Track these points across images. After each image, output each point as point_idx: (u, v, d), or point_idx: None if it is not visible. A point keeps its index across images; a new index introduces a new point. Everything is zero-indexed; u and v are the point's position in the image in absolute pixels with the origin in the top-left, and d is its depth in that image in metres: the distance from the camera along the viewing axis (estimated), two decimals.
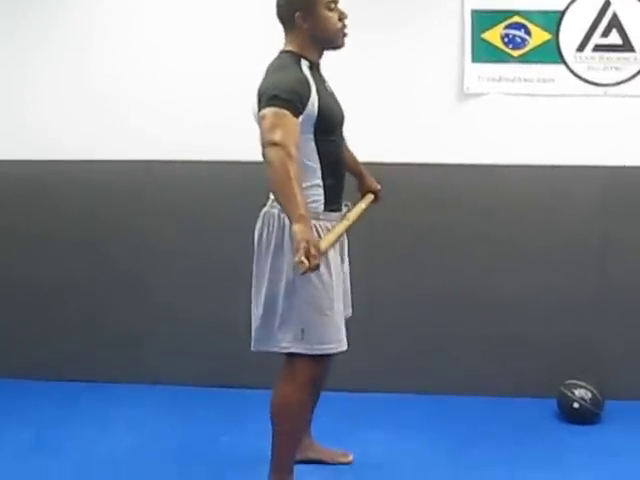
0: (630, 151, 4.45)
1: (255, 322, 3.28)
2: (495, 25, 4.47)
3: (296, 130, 2.97)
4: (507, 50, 4.48)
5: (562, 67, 4.47)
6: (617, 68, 4.45)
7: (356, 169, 3.67)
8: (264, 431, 3.31)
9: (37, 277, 4.79)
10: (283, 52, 3.25)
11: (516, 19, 4.45)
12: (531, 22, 4.45)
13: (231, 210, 4.51)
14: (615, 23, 4.42)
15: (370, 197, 3.59)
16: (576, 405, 4.21)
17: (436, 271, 4.58)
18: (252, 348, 3.30)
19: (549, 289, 4.50)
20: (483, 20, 4.47)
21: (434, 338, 4.59)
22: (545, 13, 4.45)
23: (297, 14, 3.17)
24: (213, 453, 3.89)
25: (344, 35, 3.27)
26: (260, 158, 3.27)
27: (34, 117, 4.75)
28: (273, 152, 2.88)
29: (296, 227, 2.80)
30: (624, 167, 4.44)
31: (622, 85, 4.46)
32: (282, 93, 2.97)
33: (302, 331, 3.09)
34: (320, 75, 3.29)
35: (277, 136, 2.89)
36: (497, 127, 4.52)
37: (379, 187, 3.69)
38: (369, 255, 4.41)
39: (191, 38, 4.64)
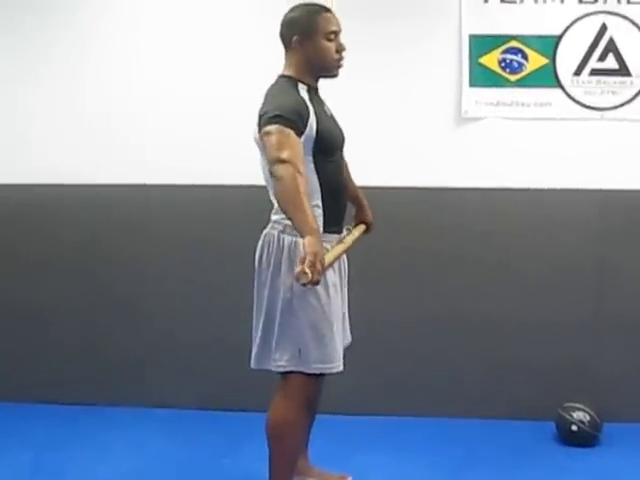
0: (627, 175, 4.47)
1: (255, 340, 3.31)
2: (492, 50, 4.50)
3: (301, 149, 3.02)
4: (504, 74, 4.51)
5: (559, 91, 4.49)
6: (614, 92, 4.48)
7: (355, 196, 3.69)
8: (264, 454, 3.32)
9: (37, 301, 4.79)
10: (281, 77, 3.30)
11: (513, 44, 4.48)
12: (528, 47, 4.47)
13: (232, 234, 4.52)
14: (612, 47, 4.45)
15: (362, 227, 3.60)
16: (574, 428, 4.21)
17: (433, 295, 4.59)
18: (252, 366, 3.33)
19: (546, 312, 4.51)
20: (480, 45, 4.51)
21: (432, 361, 4.60)
22: (542, 38, 4.47)
23: (295, 37, 3.24)
24: (214, 476, 3.91)
25: (339, 66, 3.32)
26: (261, 182, 3.32)
27: (33, 141, 4.77)
28: (283, 168, 2.91)
29: (307, 239, 2.81)
30: (621, 191, 4.45)
31: (619, 109, 4.48)
32: (285, 113, 3.02)
33: (299, 351, 3.11)
34: (319, 98, 3.34)
35: (285, 154, 2.92)
36: (494, 151, 4.54)
37: (372, 220, 3.71)
38: (366, 278, 4.42)
39: (190, 62, 4.66)
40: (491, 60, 4.51)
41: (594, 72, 4.47)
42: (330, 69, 3.30)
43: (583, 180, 4.46)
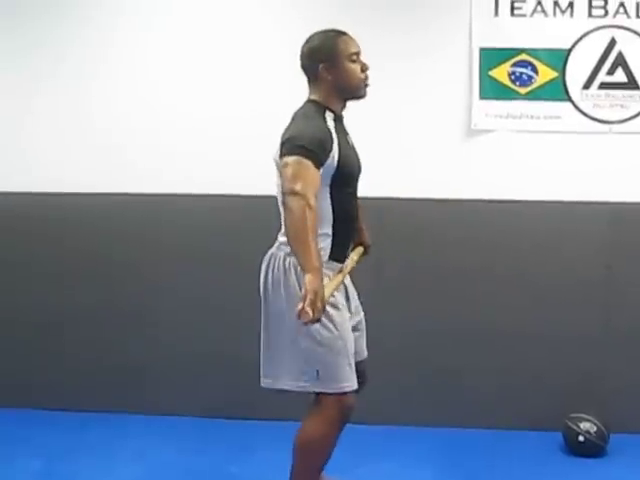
0: (635, 188, 4.50)
1: (265, 360, 3.34)
2: (502, 63, 4.53)
3: (317, 181, 3.04)
4: (514, 87, 4.54)
5: (568, 104, 4.52)
6: (622, 105, 4.51)
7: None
8: (271, 462, 3.35)
9: (42, 308, 4.82)
10: (309, 101, 3.31)
11: (523, 57, 4.52)
12: (538, 60, 4.51)
13: (234, 244, 4.55)
14: (620, 61, 4.48)
15: (360, 250, 3.57)
16: (581, 438, 4.23)
17: (441, 306, 4.60)
18: (263, 385, 3.35)
19: (554, 324, 4.53)
20: (491, 58, 4.54)
21: (439, 372, 4.61)
22: (552, 51, 4.51)
23: (321, 66, 3.25)
24: None
25: (366, 86, 3.34)
26: (266, 192, 3.35)
27: (35, 150, 4.81)
28: (294, 201, 2.94)
29: (308, 277, 2.86)
30: (629, 203, 4.48)
31: (627, 122, 4.51)
32: (307, 143, 3.03)
33: (317, 372, 3.13)
34: (343, 127, 3.35)
35: (299, 186, 2.95)
36: (504, 163, 4.57)
37: (370, 243, 3.67)
38: (375, 289, 4.45)
39: (196, 74, 4.70)
40: (501, 73, 4.54)
41: (603, 86, 4.51)
42: (358, 90, 3.33)
43: (592, 193, 4.48)
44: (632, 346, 4.54)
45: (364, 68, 3.32)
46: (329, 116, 3.26)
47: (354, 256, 3.46)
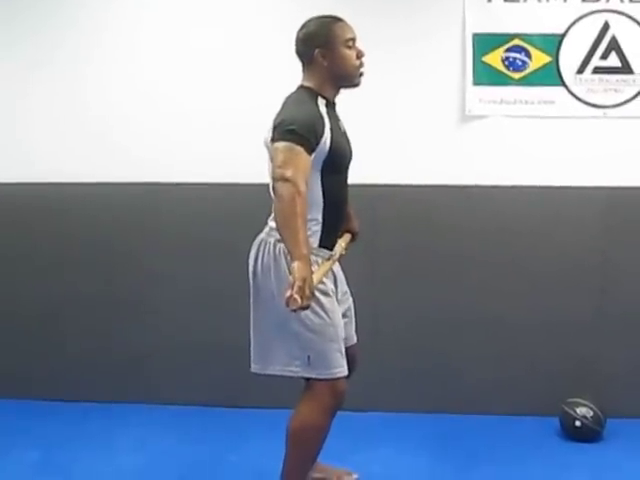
0: (630, 172, 4.49)
1: (255, 345, 3.35)
2: (496, 48, 4.52)
3: (308, 167, 3.03)
4: (508, 73, 4.53)
5: (562, 89, 4.52)
6: (616, 90, 4.50)
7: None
8: (269, 450, 3.34)
9: (42, 299, 4.83)
10: (301, 87, 3.31)
11: (516, 42, 4.51)
12: (531, 45, 4.50)
13: (233, 233, 4.51)
14: (614, 46, 4.47)
15: (348, 237, 3.57)
16: (578, 423, 4.24)
17: (436, 292, 4.61)
18: (253, 370, 3.37)
19: (550, 309, 4.54)
20: (484, 43, 4.53)
21: (435, 358, 4.62)
22: (545, 36, 4.50)
23: (316, 51, 3.26)
24: (220, 472, 3.93)
25: (361, 74, 3.35)
26: (261, 180, 3.34)
27: (34, 140, 4.80)
28: (284, 187, 2.94)
29: (296, 264, 2.86)
30: (624, 188, 4.47)
31: (621, 107, 4.51)
32: (298, 128, 3.03)
33: (308, 358, 3.14)
34: (335, 113, 3.35)
35: (289, 172, 2.94)
36: (498, 149, 4.56)
37: (358, 230, 3.67)
38: (370, 276, 4.47)
39: (188, 59, 4.69)
40: (494, 59, 4.53)
41: (597, 70, 4.50)
42: (353, 77, 3.33)
43: (586, 178, 4.48)
44: (628, 331, 4.54)
45: (359, 55, 3.32)
46: (321, 102, 3.25)
47: (342, 243, 3.45)
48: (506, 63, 4.53)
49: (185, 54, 4.69)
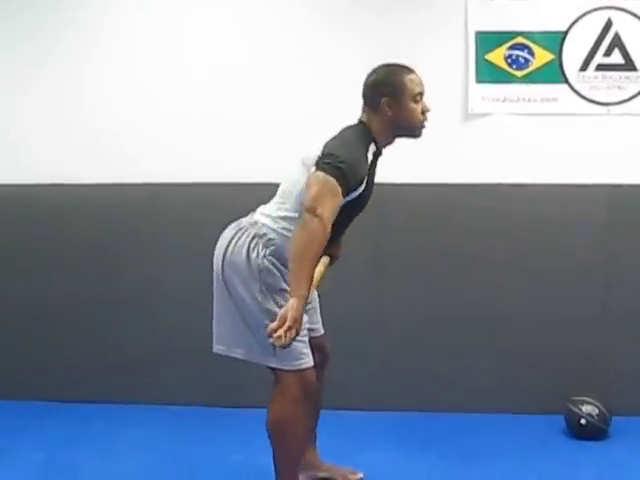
0: (633, 169, 4.49)
1: (222, 327, 3.38)
2: (499, 46, 4.53)
3: (337, 209, 3.03)
4: (511, 71, 4.53)
5: (565, 87, 4.51)
6: (620, 87, 4.50)
7: None
8: (269, 450, 3.32)
9: (44, 299, 4.82)
10: (362, 124, 3.31)
11: (519, 40, 4.51)
12: (534, 43, 4.49)
13: None
14: (617, 43, 4.47)
15: (327, 260, 3.49)
16: (583, 421, 4.23)
17: (441, 290, 4.60)
18: (214, 350, 3.41)
19: (555, 307, 4.53)
20: (487, 41, 4.53)
21: (440, 356, 4.62)
22: (548, 34, 4.49)
23: (383, 100, 3.25)
24: (224, 472, 3.92)
25: (423, 127, 3.33)
26: (260, 180, 3.32)
27: (30, 141, 4.80)
28: (312, 222, 2.94)
29: (294, 303, 2.87)
30: (628, 185, 4.47)
31: (625, 104, 4.51)
32: (347, 169, 3.02)
33: (274, 348, 3.11)
34: (376, 163, 3.35)
35: (322, 210, 2.95)
36: (501, 147, 4.56)
37: (338, 255, 3.63)
38: (374, 275, 4.46)
39: (184, 59, 4.71)
40: (497, 56, 4.53)
41: (600, 67, 4.50)
42: (414, 130, 3.33)
43: (590, 175, 4.47)
44: (633, 328, 4.54)
45: (425, 110, 3.30)
46: (372, 148, 3.26)
47: (321, 267, 3.38)
48: (509, 61, 4.53)
49: (182, 55, 4.71)
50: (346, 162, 3.03)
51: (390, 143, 3.37)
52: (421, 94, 3.29)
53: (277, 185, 3.40)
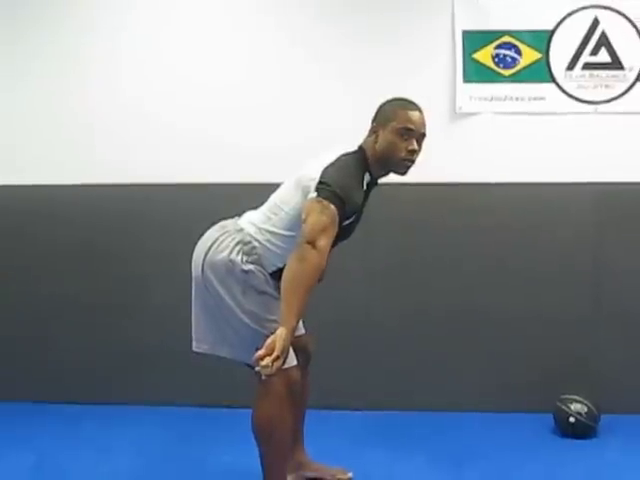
0: (621, 168, 4.50)
1: (206, 325, 3.39)
2: (486, 45, 4.54)
3: (334, 238, 3.02)
4: (498, 70, 4.54)
5: (552, 86, 4.53)
6: (607, 85, 4.51)
7: None
8: None
9: (36, 300, 4.82)
10: (361, 152, 3.29)
11: (506, 39, 4.52)
12: (521, 42, 4.51)
13: None
14: (604, 41, 4.49)
15: None
16: (572, 420, 4.24)
17: (431, 290, 4.60)
18: (195, 349, 3.45)
19: (543, 306, 4.54)
20: (474, 40, 4.54)
21: (430, 356, 4.62)
22: (535, 33, 4.51)
23: (373, 124, 3.28)
24: (215, 473, 3.91)
25: (406, 166, 3.29)
26: (250, 180, 3.30)
27: (17, 142, 4.81)
28: (311, 254, 2.93)
29: (282, 331, 2.85)
30: (615, 183, 4.48)
31: (612, 102, 4.52)
32: (345, 198, 3.03)
33: (256, 349, 3.10)
34: (369, 194, 3.33)
35: (322, 242, 2.95)
36: (489, 146, 4.57)
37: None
38: (364, 273, 4.46)
39: (176, 61, 4.72)
40: (485, 56, 4.54)
41: (587, 66, 4.51)
42: (392, 165, 3.29)
43: (577, 174, 4.49)
44: (622, 327, 4.55)
45: (409, 148, 3.25)
46: (366, 179, 3.25)
47: None
48: (496, 60, 4.54)
49: (171, 57, 4.71)
50: (343, 190, 3.04)
51: (383, 174, 3.35)
52: (409, 130, 3.24)
53: (266, 186, 3.40)
